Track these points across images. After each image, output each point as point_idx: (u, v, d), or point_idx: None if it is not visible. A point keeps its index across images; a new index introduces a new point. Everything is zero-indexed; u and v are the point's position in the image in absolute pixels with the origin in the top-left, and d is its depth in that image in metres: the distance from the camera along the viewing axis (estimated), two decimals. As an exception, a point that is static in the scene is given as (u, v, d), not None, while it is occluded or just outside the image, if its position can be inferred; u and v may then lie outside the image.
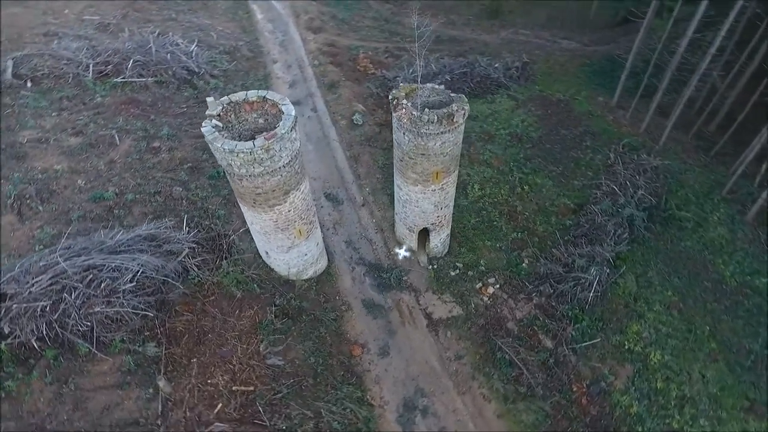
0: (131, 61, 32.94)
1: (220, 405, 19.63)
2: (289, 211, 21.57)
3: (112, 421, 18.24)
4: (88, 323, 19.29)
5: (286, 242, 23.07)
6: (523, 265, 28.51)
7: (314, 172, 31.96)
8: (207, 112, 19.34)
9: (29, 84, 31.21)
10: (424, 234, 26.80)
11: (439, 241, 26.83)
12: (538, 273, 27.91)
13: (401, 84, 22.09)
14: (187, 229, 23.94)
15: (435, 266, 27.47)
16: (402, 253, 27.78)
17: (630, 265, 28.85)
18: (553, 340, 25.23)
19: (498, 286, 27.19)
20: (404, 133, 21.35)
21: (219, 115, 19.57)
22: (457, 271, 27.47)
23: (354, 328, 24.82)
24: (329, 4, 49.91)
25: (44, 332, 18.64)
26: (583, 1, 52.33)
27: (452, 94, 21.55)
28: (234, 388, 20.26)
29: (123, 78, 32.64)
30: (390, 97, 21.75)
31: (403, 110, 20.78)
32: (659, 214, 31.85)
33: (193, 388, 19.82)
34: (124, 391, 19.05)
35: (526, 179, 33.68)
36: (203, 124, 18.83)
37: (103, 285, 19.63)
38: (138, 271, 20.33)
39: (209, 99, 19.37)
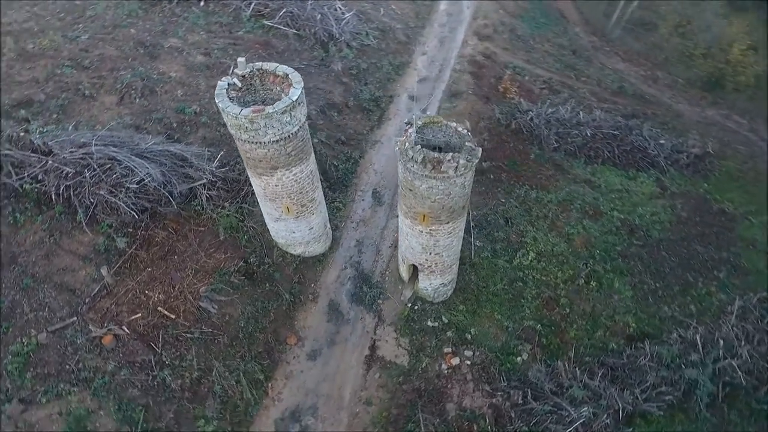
0: (284, 10, 36.36)
1: (138, 315, 21.96)
2: (276, 185, 22.15)
3: (59, 279, 21.98)
4: (93, 200, 23.17)
5: (274, 212, 23.84)
6: (518, 359, 24.67)
7: (381, 167, 31.64)
8: (234, 70, 20.75)
9: (201, 3, 37.00)
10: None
11: (429, 285, 24.62)
12: (524, 375, 23.93)
13: (428, 113, 20.39)
14: (217, 163, 26.35)
15: (416, 307, 25.42)
16: None
17: (651, 433, 22.82)
18: (484, 451, 21.74)
19: (469, 362, 24.10)
20: (399, 161, 19.92)
21: (243, 77, 20.82)
22: (437, 324, 25.03)
23: (305, 319, 24.78)
24: (522, 16, 46.82)
25: (62, 191, 23.03)
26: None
27: (467, 143, 19.16)
28: (159, 308, 22.34)
29: (272, 22, 36.36)
30: (406, 120, 20.37)
31: (403, 138, 19.36)
32: (747, 401, 24.18)
33: (130, 291, 22.49)
34: (84, 263, 22.62)
35: (602, 276, 28.40)
36: (222, 78, 20.31)
37: (114, 176, 23.22)
38: (143, 179, 23.44)
39: (240, 59, 20.66)
